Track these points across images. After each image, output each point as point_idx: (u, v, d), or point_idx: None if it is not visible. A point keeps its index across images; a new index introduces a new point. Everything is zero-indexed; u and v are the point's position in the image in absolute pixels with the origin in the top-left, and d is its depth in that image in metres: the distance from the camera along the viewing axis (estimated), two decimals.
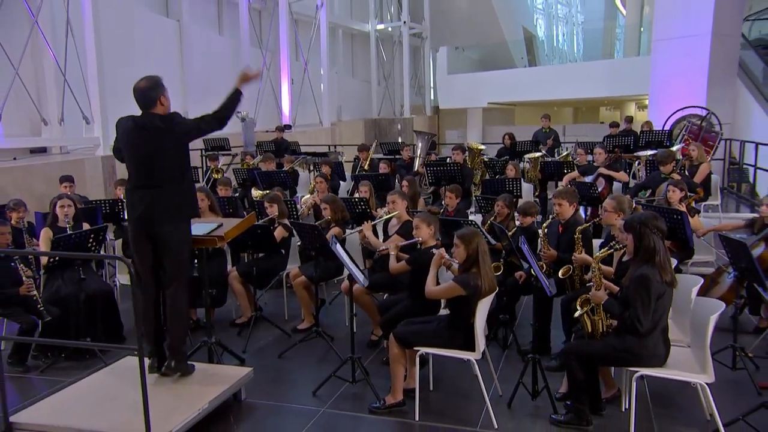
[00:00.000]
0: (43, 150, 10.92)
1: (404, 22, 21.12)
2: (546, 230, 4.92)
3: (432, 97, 23.87)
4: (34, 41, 10.32)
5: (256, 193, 8.44)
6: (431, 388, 4.28)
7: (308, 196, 7.44)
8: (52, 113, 10.81)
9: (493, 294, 3.95)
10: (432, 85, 23.80)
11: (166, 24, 14.10)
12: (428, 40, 22.56)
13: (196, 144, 13.15)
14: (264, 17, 16.96)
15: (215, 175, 9.66)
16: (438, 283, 4.16)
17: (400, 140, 19.79)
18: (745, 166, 11.23)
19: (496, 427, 3.76)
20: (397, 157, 9.88)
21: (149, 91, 3.92)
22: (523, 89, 19.64)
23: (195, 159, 12.46)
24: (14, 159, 9.92)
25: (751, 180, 10.88)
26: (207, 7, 15.70)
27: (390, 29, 22.02)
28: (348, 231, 5.57)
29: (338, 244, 4.44)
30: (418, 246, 4.59)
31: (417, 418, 3.90)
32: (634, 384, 3.48)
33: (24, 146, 10.42)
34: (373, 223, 5.52)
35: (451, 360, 4.20)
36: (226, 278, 5.75)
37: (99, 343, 4.75)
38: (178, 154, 4.06)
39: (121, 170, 11.19)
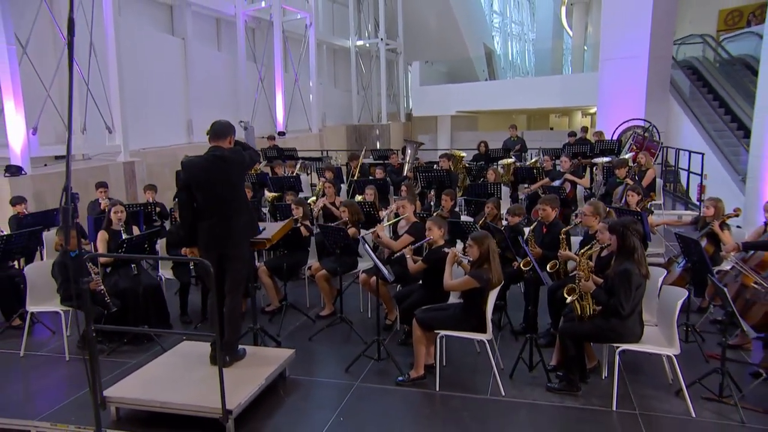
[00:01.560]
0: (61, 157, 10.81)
1: (381, 39, 21.11)
2: (533, 231, 5.23)
3: (405, 105, 23.92)
4: (60, 60, 10.23)
5: (268, 195, 8.55)
6: (444, 364, 4.47)
7: (320, 199, 7.51)
8: (75, 123, 10.71)
9: (500, 285, 4.22)
10: (405, 94, 23.89)
11: (172, 42, 13.94)
12: (402, 55, 22.52)
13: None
14: (258, 35, 16.82)
15: None
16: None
17: (377, 146, 20.04)
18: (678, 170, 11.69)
19: (503, 394, 4.04)
20: (386, 162, 9.97)
21: (225, 128, 4.10)
22: (485, 100, 19.85)
23: None
24: (45, 165, 9.84)
25: (683, 182, 11.20)
26: (207, 26, 15.55)
27: (368, 45, 21.94)
28: (363, 231, 5.72)
29: (366, 245, 4.68)
30: (431, 245, 4.78)
31: (437, 389, 4.15)
32: (617, 357, 3.83)
33: (55, 154, 10.28)
34: (385, 224, 5.72)
35: (459, 340, 4.41)
36: (255, 272, 5.81)
37: (185, 331, 4.90)
38: (241, 183, 4.25)
39: (143, 175, 11.22)
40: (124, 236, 5.36)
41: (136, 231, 5.79)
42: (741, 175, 10.94)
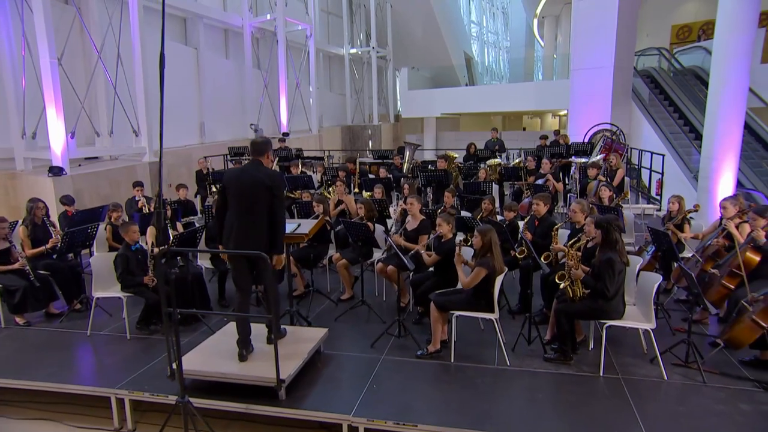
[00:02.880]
0: (95, 158, 10.91)
1: (372, 47, 21.21)
2: (526, 224, 5.55)
3: (394, 108, 24.03)
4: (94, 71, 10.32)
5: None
6: (456, 340, 4.69)
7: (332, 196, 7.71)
8: (103, 127, 10.78)
9: (505, 272, 4.53)
10: (394, 97, 23.99)
11: (186, 51, 13.98)
12: (391, 62, 22.59)
13: (221, 150, 13.29)
14: (262, 44, 16.86)
15: None
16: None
17: (369, 145, 20.20)
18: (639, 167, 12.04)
19: (508, 364, 4.35)
20: (388, 161, 10.18)
21: (263, 146, 4.13)
22: (466, 103, 20.02)
23: (218, 163, 12.60)
24: (79, 165, 9.92)
25: (644, 178, 11.51)
26: (216, 36, 15.57)
27: (360, 52, 21.99)
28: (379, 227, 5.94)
29: (389, 239, 4.96)
30: (440, 238, 5.03)
31: (452, 360, 4.43)
32: (604, 331, 4.18)
33: (89, 155, 10.37)
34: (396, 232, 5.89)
35: (465, 319, 4.63)
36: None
37: (246, 313, 4.66)
38: (268, 204, 4.07)
39: (165, 174, 11.33)
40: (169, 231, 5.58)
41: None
42: (693, 173, 11.35)
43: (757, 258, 4.46)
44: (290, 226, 4.98)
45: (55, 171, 8.57)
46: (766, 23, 15.86)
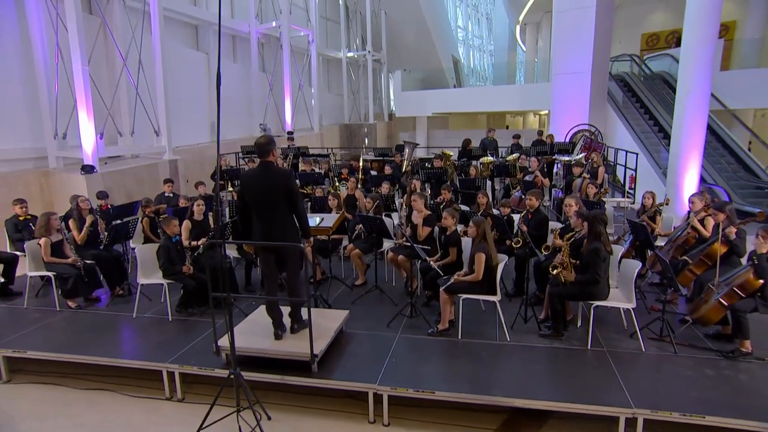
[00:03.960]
0: (116, 156, 10.99)
1: (368, 51, 21.24)
2: (522, 217, 5.84)
3: (387, 107, 24.10)
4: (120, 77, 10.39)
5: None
6: (461, 319, 4.94)
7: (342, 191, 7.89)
8: (125, 128, 10.86)
9: (505, 260, 4.82)
10: (386, 98, 24.08)
11: (198, 57, 14.03)
12: (385, 65, 22.59)
13: (231, 147, 13.42)
14: (267, 49, 16.89)
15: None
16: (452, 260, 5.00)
17: (365, 142, 20.33)
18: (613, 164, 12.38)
19: (509, 340, 4.64)
20: (390, 159, 10.29)
21: (267, 146, 4.06)
22: (455, 103, 20.15)
23: (231, 161, 12.74)
24: (105, 163, 10.01)
25: (619, 174, 11.74)
26: (225, 42, 15.57)
27: (356, 56, 21.99)
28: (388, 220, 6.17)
29: (404, 232, 5.22)
30: (445, 230, 5.30)
31: (460, 337, 4.71)
32: (592, 311, 4.51)
33: (115, 154, 10.45)
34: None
35: (467, 301, 4.89)
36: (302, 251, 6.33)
37: (282, 297, 4.99)
38: (285, 203, 4.12)
39: (185, 170, 11.46)
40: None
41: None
42: (662, 169, 11.69)
43: (724, 249, 4.76)
44: (313, 220, 5.24)
45: (87, 169, 8.68)
46: (725, 35, 16.29)
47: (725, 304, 4.29)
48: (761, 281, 4.15)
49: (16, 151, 8.95)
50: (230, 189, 10.03)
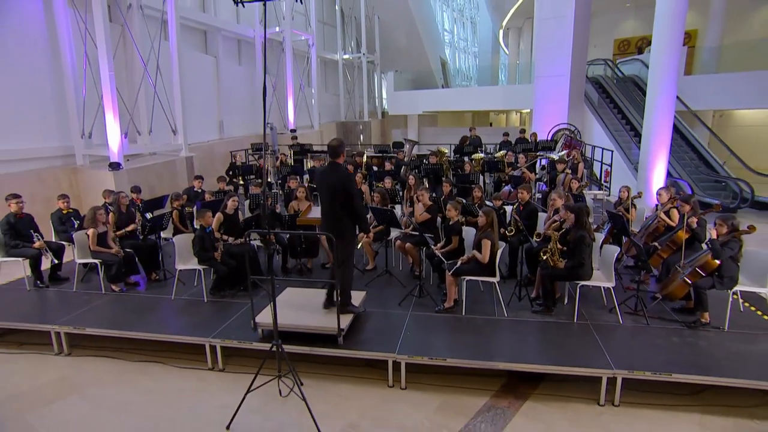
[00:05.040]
0: (135, 154, 11.12)
1: (363, 53, 21.45)
2: (515, 210, 6.22)
3: (380, 106, 24.27)
4: (142, 80, 10.52)
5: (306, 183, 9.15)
6: (464, 298, 5.31)
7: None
8: (144, 127, 11.00)
9: (503, 247, 5.19)
10: (379, 97, 24.25)
11: (207, 60, 14.14)
12: (379, 66, 22.73)
13: (238, 144, 13.59)
14: (269, 52, 17.00)
15: (279, 166, 9.98)
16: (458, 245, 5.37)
17: (361, 139, 20.52)
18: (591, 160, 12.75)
19: (506, 315, 5.01)
20: (392, 156, 10.47)
21: (338, 148, 4.47)
22: (444, 103, 20.42)
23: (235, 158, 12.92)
24: (127, 161, 10.17)
25: (595, 169, 12.04)
26: (232, 47, 15.64)
27: (352, 58, 22.08)
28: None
29: (413, 222, 5.55)
30: (448, 220, 5.65)
31: (464, 314, 5.05)
32: (578, 289, 4.92)
33: (137, 152, 10.59)
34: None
35: (468, 283, 5.20)
36: (318, 240, 6.50)
37: (320, 279, 5.46)
38: (346, 195, 4.43)
39: (199, 165, 11.62)
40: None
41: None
42: (633, 164, 12.17)
43: (687, 236, 5.20)
44: None
45: (114, 166, 8.87)
46: (688, 42, 16.78)
47: (689, 282, 4.74)
48: (718, 262, 4.60)
49: (46, 149, 9.10)
50: (241, 183, 10.27)
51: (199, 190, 7.75)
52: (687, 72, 14.80)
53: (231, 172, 10.32)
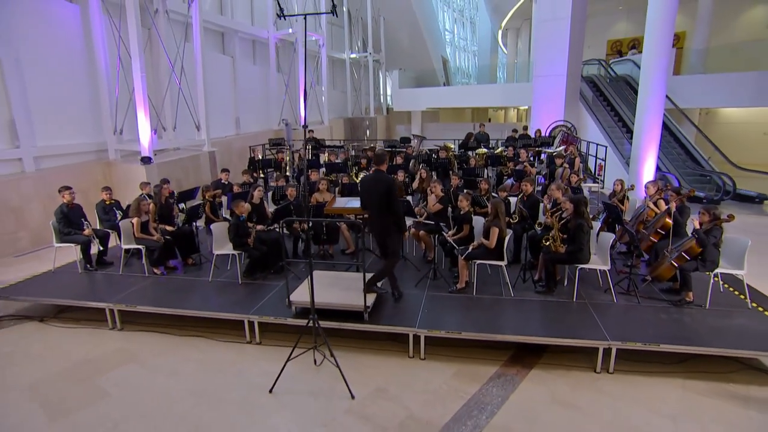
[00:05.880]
0: (161, 150, 11.37)
1: (369, 53, 21.62)
2: (519, 200, 6.52)
3: (385, 103, 24.41)
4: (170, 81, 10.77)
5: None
6: (474, 280, 5.61)
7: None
8: (169, 123, 11.26)
9: (510, 233, 5.50)
10: (384, 94, 24.42)
11: (225, 60, 14.34)
12: (384, 65, 22.90)
13: (254, 139, 13.85)
14: (282, 52, 17.15)
15: (296, 161, 10.28)
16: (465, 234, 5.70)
17: (367, 134, 20.74)
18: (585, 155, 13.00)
19: (512, 295, 5.31)
20: (397, 149, 10.75)
21: (383, 157, 4.93)
22: (445, 99, 20.60)
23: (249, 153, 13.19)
24: (155, 155, 10.44)
25: (589, 163, 12.34)
26: (247, 47, 15.80)
27: (358, 57, 22.24)
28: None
29: (427, 211, 5.87)
30: (460, 211, 5.99)
31: (474, 294, 5.36)
32: (578, 272, 5.25)
33: (164, 147, 10.85)
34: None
35: (477, 266, 5.52)
36: (338, 228, 6.82)
37: (350, 262, 5.80)
38: (388, 199, 4.79)
39: (220, 160, 11.86)
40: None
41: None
42: (625, 159, 12.45)
43: (670, 222, 5.54)
44: (355, 202, 5.82)
45: (145, 160, 9.17)
46: (677, 44, 16.97)
47: (676, 265, 5.07)
48: (701, 248, 4.93)
49: (82, 145, 9.39)
50: (261, 176, 10.57)
51: (226, 182, 8.04)
52: (675, 72, 15.02)
53: (251, 167, 10.60)
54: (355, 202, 5.73)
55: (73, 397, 4.16)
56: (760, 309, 5.00)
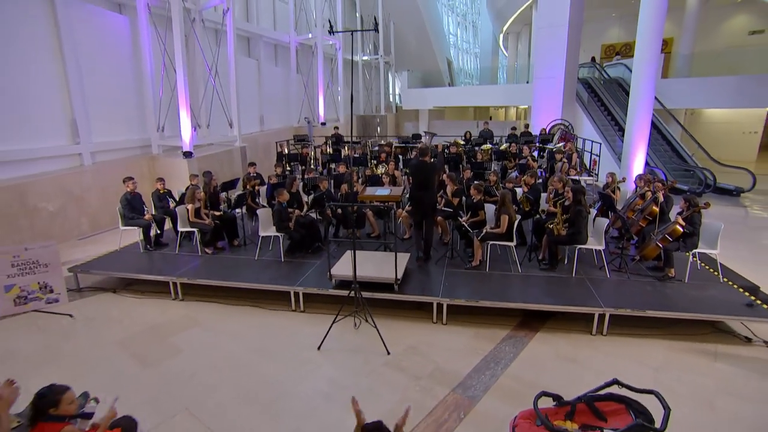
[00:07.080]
0: (197, 145, 11.77)
1: (380, 55, 21.90)
2: (524, 192, 6.98)
3: (394, 101, 24.68)
4: (207, 83, 11.18)
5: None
6: (487, 258, 6.06)
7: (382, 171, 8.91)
8: (203, 121, 11.70)
9: (519, 218, 5.97)
10: (394, 93, 24.72)
11: (251, 63, 14.71)
12: (393, 66, 23.12)
13: (278, 136, 14.28)
14: (302, 55, 17.51)
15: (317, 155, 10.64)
16: (478, 219, 6.18)
17: (378, 131, 21.10)
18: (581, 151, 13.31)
19: (520, 272, 5.78)
20: (408, 144, 11.17)
21: (426, 150, 5.76)
22: (450, 99, 20.89)
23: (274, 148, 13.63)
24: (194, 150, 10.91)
25: (585, 159, 12.58)
26: (269, 50, 16.18)
27: (370, 59, 22.53)
28: None
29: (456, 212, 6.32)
30: (473, 199, 6.48)
31: (487, 270, 5.81)
32: (576, 251, 5.72)
33: (201, 143, 11.25)
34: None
35: (490, 247, 6.01)
36: (365, 214, 7.28)
37: (387, 242, 6.41)
38: (430, 179, 5.82)
39: (253, 156, 12.24)
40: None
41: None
42: (617, 154, 12.83)
43: (657, 209, 6.00)
44: (385, 191, 6.27)
45: (187, 155, 9.65)
46: (665, 49, 17.23)
47: (660, 246, 5.55)
48: (682, 230, 5.41)
49: (129, 141, 9.87)
50: (288, 169, 11.02)
51: (255, 174, 8.47)
52: (663, 75, 15.32)
53: (280, 160, 11.06)
54: (383, 190, 6.18)
55: (155, 352, 4.69)
56: (730, 283, 5.48)
